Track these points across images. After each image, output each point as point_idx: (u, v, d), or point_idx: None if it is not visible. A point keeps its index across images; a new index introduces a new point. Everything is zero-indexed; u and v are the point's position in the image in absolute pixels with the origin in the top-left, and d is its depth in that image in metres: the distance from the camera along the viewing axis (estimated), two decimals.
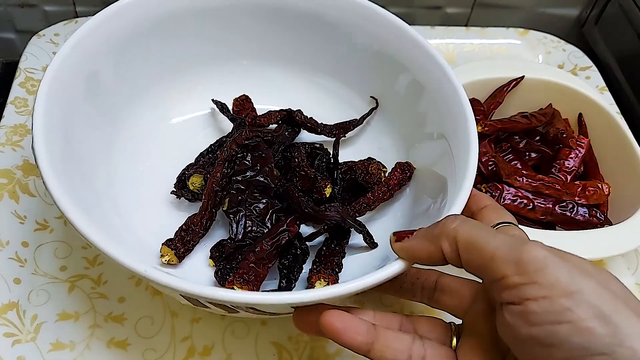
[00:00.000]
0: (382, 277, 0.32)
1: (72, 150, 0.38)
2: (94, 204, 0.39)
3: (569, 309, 0.25)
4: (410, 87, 0.46)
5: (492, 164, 0.48)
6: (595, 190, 0.47)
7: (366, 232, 0.42)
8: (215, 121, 0.50)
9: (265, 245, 0.39)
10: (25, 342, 0.40)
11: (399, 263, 0.33)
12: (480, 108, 0.51)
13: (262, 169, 0.42)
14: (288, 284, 0.39)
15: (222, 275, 0.39)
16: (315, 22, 0.48)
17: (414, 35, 0.45)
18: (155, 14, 0.45)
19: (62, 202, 0.33)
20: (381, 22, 0.46)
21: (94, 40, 0.41)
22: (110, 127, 0.44)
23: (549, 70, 0.56)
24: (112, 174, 0.43)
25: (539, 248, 0.27)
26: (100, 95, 0.43)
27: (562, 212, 0.47)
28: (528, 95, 0.54)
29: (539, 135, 0.53)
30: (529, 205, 0.46)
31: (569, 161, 0.49)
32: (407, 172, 0.45)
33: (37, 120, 0.35)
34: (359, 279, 0.32)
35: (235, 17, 0.48)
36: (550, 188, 0.47)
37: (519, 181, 0.47)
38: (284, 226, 0.40)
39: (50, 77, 0.38)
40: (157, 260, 0.40)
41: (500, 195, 0.46)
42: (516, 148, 0.50)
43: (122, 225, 0.41)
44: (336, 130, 0.49)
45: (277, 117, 0.48)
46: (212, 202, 0.41)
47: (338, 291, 0.31)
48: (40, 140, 0.35)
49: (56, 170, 0.34)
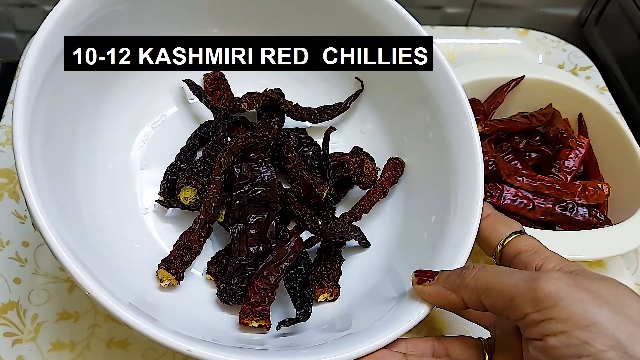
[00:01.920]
0: (411, 325, 0.33)
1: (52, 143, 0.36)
2: (86, 246, 0.36)
3: (586, 342, 0.26)
4: (407, 82, 0.45)
5: (492, 164, 0.48)
6: (595, 191, 0.47)
7: (362, 237, 0.42)
8: (189, 108, 0.47)
9: (274, 271, 0.37)
10: (25, 342, 0.40)
11: (422, 311, 0.34)
12: (481, 108, 0.51)
13: (263, 182, 0.39)
14: (304, 316, 0.37)
15: (227, 297, 0.38)
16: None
17: (408, 19, 0.44)
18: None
19: (69, 265, 0.30)
20: (382, 8, 0.44)
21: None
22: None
23: (549, 70, 0.56)
24: (91, 194, 0.40)
25: (553, 281, 0.28)
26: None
27: (562, 212, 0.47)
28: (528, 95, 0.54)
29: (539, 135, 0.53)
30: (529, 205, 0.46)
31: (569, 161, 0.49)
32: (399, 170, 0.45)
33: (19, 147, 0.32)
34: (391, 332, 0.33)
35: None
36: (550, 188, 0.47)
37: (519, 181, 0.47)
38: (291, 246, 0.38)
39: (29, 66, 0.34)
40: (154, 284, 0.39)
41: (500, 195, 0.46)
42: (516, 148, 0.50)
43: (110, 257, 0.38)
44: (320, 115, 0.46)
45: (260, 102, 0.45)
46: (211, 219, 0.39)
47: (378, 345, 0.32)
48: (29, 180, 0.31)
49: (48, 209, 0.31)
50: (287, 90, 0.47)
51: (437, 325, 0.44)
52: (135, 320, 0.30)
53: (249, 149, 0.41)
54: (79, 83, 0.39)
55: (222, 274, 0.40)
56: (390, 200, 0.45)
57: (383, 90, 0.47)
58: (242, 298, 0.38)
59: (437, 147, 0.42)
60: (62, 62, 0.37)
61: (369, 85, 0.48)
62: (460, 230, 0.37)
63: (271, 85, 0.47)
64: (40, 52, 0.35)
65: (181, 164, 0.44)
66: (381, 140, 0.48)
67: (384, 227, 0.44)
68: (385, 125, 0.48)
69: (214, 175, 0.39)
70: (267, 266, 0.37)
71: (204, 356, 0.29)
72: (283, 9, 0.46)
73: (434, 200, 0.41)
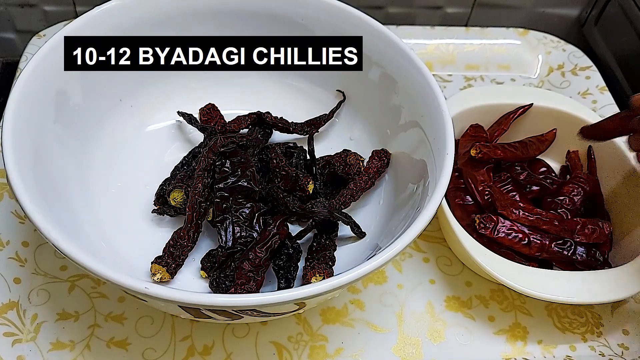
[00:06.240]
0: (377, 264, 0.33)
1: (46, 173, 0.38)
2: (78, 230, 0.39)
3: None
4: (378, 79, 0.47)
5: (488, 194, 0.46)
6: (595, 229, 0.45)
7: (353, 223, 0.43)
8: (183, 133, 0.50)
9: (259, 252, 0.39)
10: (25, 342, 0.40)
11: (391, 250, 0.34)
12: (483, 134, 0.49)
13: (244, 173, 0.42)
14: (287, 283, 0.39)
15: (217, 285, 0.39)
16: (282, 23, 0.47)
17: (381, 29, 0.45)
18: (121, 26, 0.44)
19: (51, 233, 0.32)
20: (347, 18, 0.46)
21: (57, 58, 0.41)
22: (80, 148, 0.44)
23: (559, 98, 0.53)
24: (88, 195, 0.43)
25: None
26: (70, 114, 0.42)
27: (558, 250, 0.44)
28: (535, 124, 0.52)
29: (546, 167, 0.51)
30: (524, 240, 0.44)
31: (572, 198, 0.47)
32: (384, 159, 0.46)
33: (7, 151, 0.35)
34: (354, 269, 0.32)
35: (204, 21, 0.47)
36: (548, 223, 0.44)
37: (515, 214, 0.44)
38: (274, 229, 0.40)
39: (16, 99, 0.37)
40: (147, 280, 0.39)
41: (494, 227, 0.43)
42: (516, 179, 0.48)
43: (106, 248, 0.41)
44: (308, 127, 0.49)
45: (247, 121, 0.48)
46: (197, 214, 0.41)
47: (336, 283, 0.32)
48: (14, 170, 0.34)
49: (32, 193, 0.34)
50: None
51: (436, 325, 0.44)
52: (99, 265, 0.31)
53: (232, 152, 0.42)
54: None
55: (213, 267, 0.40)
56: (379, 190, 0.47)
57: (360, 93, 0.49)
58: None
59: (412, 125, 0.44)
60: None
61: (349, 92, 0.50)
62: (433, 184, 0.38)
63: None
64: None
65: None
66: (370, 143, 0.49)
67: (375, 215, 0.45)
68: (370, 126, 0.49)
69: (196, 173, 0.41)
70: (252, 249, 0.39)
71: (160, 292, 0.31)
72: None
73: (416, 175, 0.42)
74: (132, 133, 0.48)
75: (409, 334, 0.43)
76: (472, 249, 0.42)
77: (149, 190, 0.45)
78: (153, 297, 0.31)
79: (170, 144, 0.49)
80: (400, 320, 0.44)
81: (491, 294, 0.46)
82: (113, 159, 0.46)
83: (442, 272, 0.47)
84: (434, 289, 0.46)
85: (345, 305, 0.44)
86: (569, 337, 0.45)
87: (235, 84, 0.51)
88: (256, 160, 0.45)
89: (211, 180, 0.42)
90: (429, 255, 0.48)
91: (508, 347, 0.44)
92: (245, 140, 0.44)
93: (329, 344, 0.42)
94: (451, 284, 0.46)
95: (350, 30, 0.46)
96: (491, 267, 0.41)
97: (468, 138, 0.50)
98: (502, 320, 0.45)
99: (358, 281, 0.33)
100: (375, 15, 0.46)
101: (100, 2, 0.43)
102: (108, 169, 0.45)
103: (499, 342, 0.44)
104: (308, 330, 0.43)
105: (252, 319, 0.38)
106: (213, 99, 0.50)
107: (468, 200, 0.47)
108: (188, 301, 0.31)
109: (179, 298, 0.31)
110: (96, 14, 0.43)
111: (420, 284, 0.46)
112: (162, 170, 0.46)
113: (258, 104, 0.50)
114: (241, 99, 0.51)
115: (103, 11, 0.43)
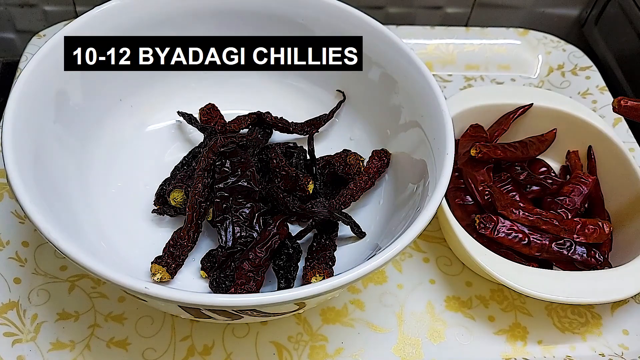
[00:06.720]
0: (377, 264, 0.33)
1: (46, 173, 0.38)
2: (78, 230, 0.39)
3: None
4: (378, 79, 0.47)
5: (488, 194, 0.46)
6: (595, 229, 0.44)
7: (353, 223, 0.43)
8: (183, 133, 0.50)
9: (259, 252, 0.39)
10: (25, 342, 0.40)
11: (391, 250, 0.33)
12: (483, 134, 0.49)
13: (244, 173, 0.42)
14: (287, 283, 0.39)
15: (217, 285, 0.39)
16: (282, 23, 0.47)
17: (381, 29, 0.45)
18: (121, 26, 0.44)
19: (51, 233, 0.32)
20: (347, 18, 0.46)
21: (57, 58, 0.41)
22: (80, 148, 0.44)
23: (559, 98, 0.53)
24: (88, 195, 0.43)
25: None
26: (70, 114, 0.42)
27: (558, 250, 0.44)
28: (536, 124, 0.51)
29: (546, 167, 0.51)
30: (524, 240, 0.44)
31: (572, 197, 0.47)
32: (384, 159, 0.46)
33: (7, 151, 0.34)
34: (354, 269, 0.32)
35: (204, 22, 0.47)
36: (547, 223, 0.44)
37: (515, 214, 0.44)
38: (274, 229, 0.40)
39: (16, 99, 0.37)
40: (147, 280, 0.39)
41: (494, 227, 0.43)
42: (516, 179, 0.48)
43: (106, 248, 0.41)
44: (308, 127, 0.49)
45: (247, 121, 0.48)
46: (197, 214, 0.41)
47: (336, 283, 0.32)
48: (14, 170, 0.34)
49: (32, 193, 0.34)
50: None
51: (436, 325, 0.44)
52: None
53: (232, 152, 0.42)
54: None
55: (213, 267, 0.40)
56: (379, 190, 0.47)
57: (360, 93, 0.49)
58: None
59: (412, 125, 0.44)
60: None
61: (349, 92, 0.50)
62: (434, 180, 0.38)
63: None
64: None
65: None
66: (370, 143, 0.49)
67: (376, 215, 0.45)
68: (370, 126, 0.49)
69: (196, 173, 0.41)
70: (252, 249, 0.39)
71: (160, 292, 0.31)
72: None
73: (416, 175, 0.42)
74: (132, 133, 0.48)
75: (409, 334, 0.43)
76: (472, 249, 0.42)
77: (149, 190, 0.45)
78: (153, 297, 0.31)
79: (170, 144, 0.49)
80: (400, 320, 0.44)
81: (491, 294, 0.46)
82: (113, 159, 0.46)
83: (442, 272, 0.47)
84: (434, 289, 0.46)
85: (345, 305, 0.44)
86: (569, 337, 0.45)
87: (235, 84, 0.51)
88: (256, 160, 0.45)
89: (211, 180, 0.42)
90: (429, 255, 0.48)
91: (508, 347, 0.44)
92: (245, 140, 0.44)
93: (329, 344, 0.42)
94: (451, 284, 0.46)
95: (350, 30, 0.46)
96: (491, 267, 0.41)
97: (468, 138, 0.50)
98: (502, 320, 0.45)
99: (358, 281, 0.33)
100: (375, 15, 0.46)
101: (100, 2, 0.43)
102: (108, 169, 0.45)
103: (499, 342, 0.44)
104: (308, 330, 0.43)
105: (252, 319, 0.38)
106: (213, 99, 0.50)
107: (468, 200, 0.47)
108: (188, 301, 0.31)
109: (179, 298, 0.31)
110: (96, 14, 0.43)
111: (420, 284, 0.46)
112: (162, 170, 0.46)
113: (258, 104, 0.50)
114: (241, 99, 0.51)
115: (103, 11, 0.43)
